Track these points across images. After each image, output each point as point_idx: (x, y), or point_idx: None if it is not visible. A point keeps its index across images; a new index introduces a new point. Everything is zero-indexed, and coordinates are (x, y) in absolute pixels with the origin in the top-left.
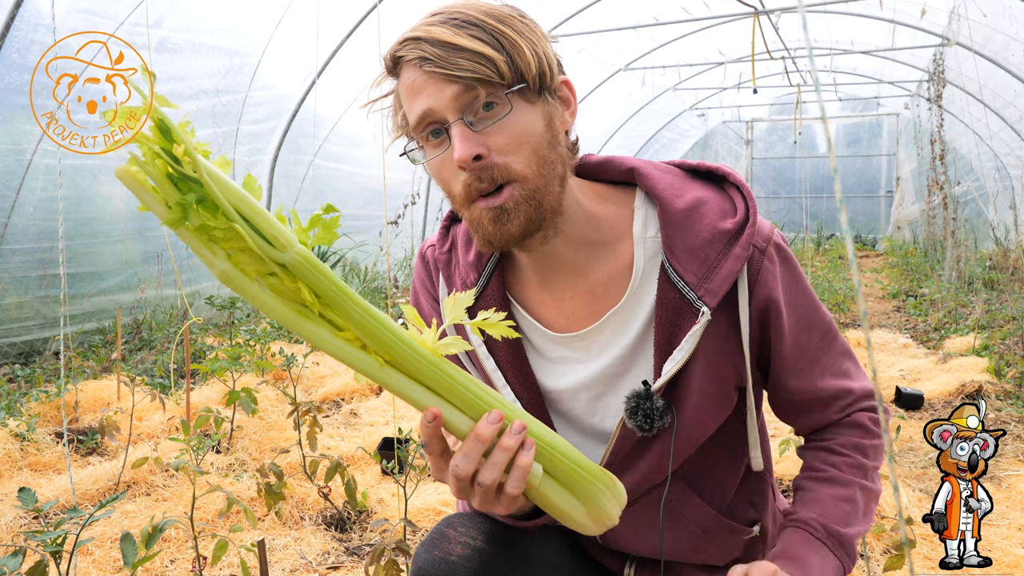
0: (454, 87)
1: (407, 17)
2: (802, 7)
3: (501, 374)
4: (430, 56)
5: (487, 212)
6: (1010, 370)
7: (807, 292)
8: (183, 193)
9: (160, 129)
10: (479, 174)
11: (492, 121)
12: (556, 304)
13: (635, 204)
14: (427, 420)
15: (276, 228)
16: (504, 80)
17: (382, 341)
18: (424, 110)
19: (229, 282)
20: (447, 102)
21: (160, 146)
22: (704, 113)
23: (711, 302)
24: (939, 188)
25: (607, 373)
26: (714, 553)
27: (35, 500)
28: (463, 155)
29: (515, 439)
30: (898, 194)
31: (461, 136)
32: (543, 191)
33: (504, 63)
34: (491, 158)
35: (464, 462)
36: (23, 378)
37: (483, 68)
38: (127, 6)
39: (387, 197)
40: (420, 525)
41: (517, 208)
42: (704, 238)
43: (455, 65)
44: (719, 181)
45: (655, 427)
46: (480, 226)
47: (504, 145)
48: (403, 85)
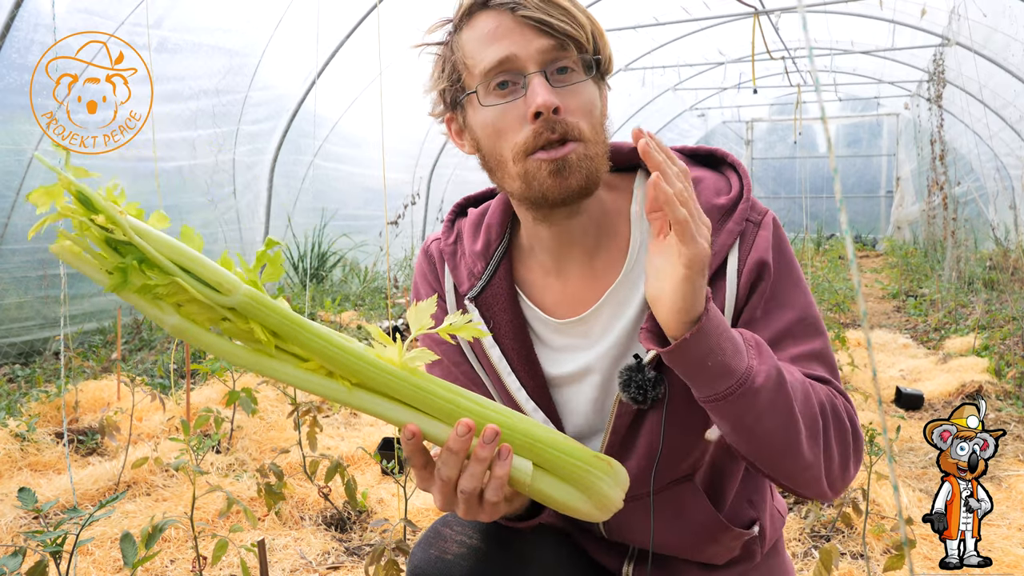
0: (544, 40)
1: (407, 17)
2: (802, 7)
3: (507, 363)
4: (529, 4)
5: (547, 164)
6: (1010, 370)
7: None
8: (122, 256)
9: (80, 201)
10: (552, 125)
11: (567, 84)
12: (562, 289)
13: (635, 184)
14: (406, 437)
15: (219, 274)
16: (585, 50)
17: (345, 365)
18: (505, 55)
19: (182, 334)
20: (534, 53)
21: (85, 216)
22: (704, 113)
23: None
24: (939, 188)
25: (611, 355)
26: (713, 552)
27: (35, 500)
28: (547, 101)
29: (488, 449)
30: (898, 194)
31: (543, 86)
32: (599, 158)
33: (591, 33)
34: (565, 115)
35: (444, 469)
36: (23, 378)
37: (577, 31)
38: (127, 6)
39: (387, 197)
40: (420, 525)
41: (580, 164)
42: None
43: (554, 18)
44: (717, 163)
45: (648, 398)
46: (536, 179)
47: (576, 107)
48: (479, 30)
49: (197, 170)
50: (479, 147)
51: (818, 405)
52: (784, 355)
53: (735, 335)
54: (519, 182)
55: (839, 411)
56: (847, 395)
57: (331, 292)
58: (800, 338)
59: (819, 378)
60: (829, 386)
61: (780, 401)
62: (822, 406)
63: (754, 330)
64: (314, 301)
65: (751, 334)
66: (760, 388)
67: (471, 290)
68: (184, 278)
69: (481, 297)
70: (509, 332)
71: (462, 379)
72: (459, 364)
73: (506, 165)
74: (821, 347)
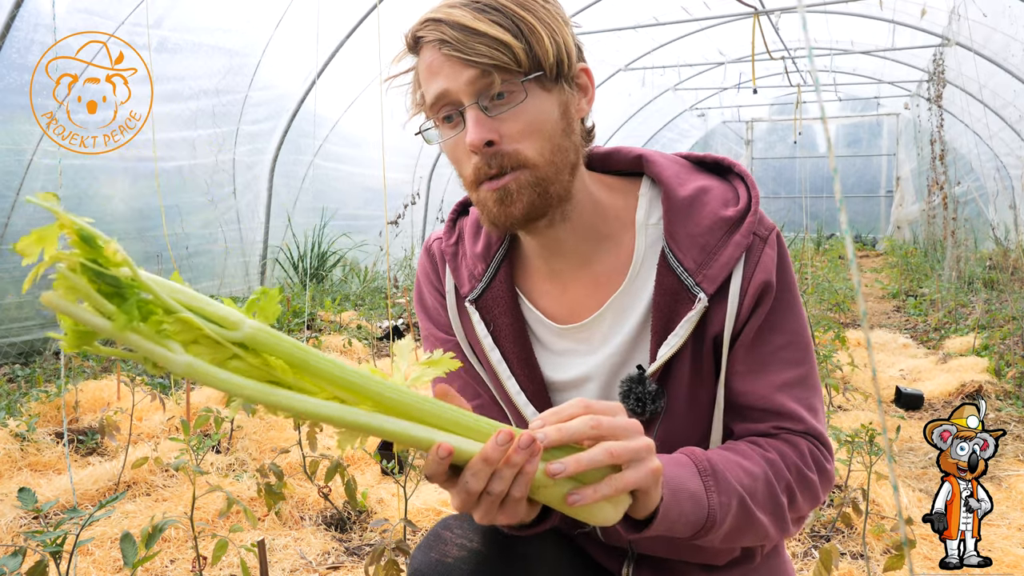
0: (470, 71)
1: (407, 17)
2: (802, 7)
3: (506, 366)
4: (448, 39)
5: (491, 194)
6: (1010, 370)
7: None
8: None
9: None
10: (488, 160)
11: (507, 108)
12: (561, 295)
13: (640, 192)
14: (441, 456)
15: (222, 310)
16: (520, 67)
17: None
18: (440, 91)
19: (193, 373)
20: (463, 86)
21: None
22: (704, 113)
23: (709, 288)
24: (939, 188)
25: (610, 363)
26: (714, 553)
27: (35, 500)
28: (475, 140)
29: (524, 454)
30: (898, 194)
31: (474, 121)
32: (551, 179)
33: (522, 50)
34: (502, 145)
35: (474, 480)
36: (23, 378)
37: (500, 55)
38: (127, 6)
39: (387, 197)
40: (420, 525)
41: (520, 191)
42: (705, 225)
43: (472, 50)
44: (724, 172)
45: (647, 411)
46: (486, 207)
47: (516, 132)
48: (422, 64)
49: (197, 170)
50: None
51: (784, 489)
52: (771, 382)
53: (692, 482)
54: (478, 208)
55: (804, 474)
56: (817, 431)
57: (331, 292)
58: (789, 363)
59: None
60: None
61: (744, 520)
62: (788, 486)
63: (745, 353)
64: (314, 301)
65: (704, 459)
66: (723, 521)
67: (471, 292)
68: (191, 316)
69: (481, 299)
70: (509, 335)
71: (466, 377)
72: (462, 363)
73: (469, 191)
74: (807, 372)
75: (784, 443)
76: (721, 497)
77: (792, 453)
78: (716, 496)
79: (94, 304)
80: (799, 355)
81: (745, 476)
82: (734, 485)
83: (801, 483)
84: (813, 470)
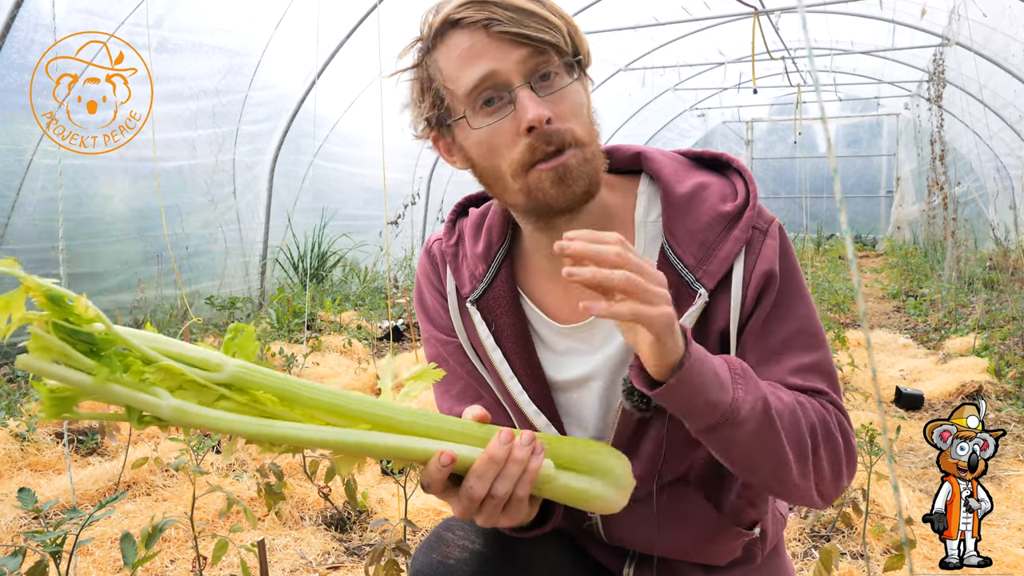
0: (523, 50)
1: (407, 17)
2: (802, 7)
3: (508, 366)
4: (501, 18)
5: (548, 174)
6: (1010, 370)
7: (799, 283)
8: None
9: (50, 299)
10: (548, 137)
11: (554, 90)
12: (563, 294)
13: (638, 189)
14: (443, 463)
15: (202, 353)
16: (568, 50)
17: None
18: (487, 71)
19: (182, 417)
20: (514, 65)
21: (58, 317)
22: (704, 113)
23: (709, 283)
24: (939, 188)
25: (612, 363)
26: (715, 553)
27: (35, 500)
28: (539, 115)
29: (527, 450)
30: (898, 194)
31: (531, 99)
32: (598, 158)
33: (567, 34)
34: (556, 124)
35: (479, 484)
36: (23, 378)
37: (554, 35)
38: (127, 6)
39: (387, 197)
40: (420, 525)
41: (581, 168)
42: (704, 221)
43: (529, 27)
44: (722, 168)
45: (651, 407)
46: (539, 190)
47: (567, 112)
48: (455, 50)
49: (197, 170)
50: (473, 164)
51: (808, 428)
52: (784, 367)
53: (721, 368)
54: (522, 196)
55: (830, 429)
56: (841, 406)
57: (331, 292)
58: (800, 350)
59: (814, 391)
60: (824, 398)
61: (766, 430)
62: (812, 428)
63: (755, 342)
64: (314, 301)
65: (739, 363)
66: (745, 419)
67: (473, 292)
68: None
69: (483, 300)
70: (511, 335)
71: (468, 379)
72: (464, 364)
73: (505, 181)
74: (821, 358)
75: (811, 399)
76: (748, 394)
77: (820, 407)
78: (743, 391)
79: (71, 362)
80: (810, 341)
81: (772, 395)
82: (762, 389)
83: (826, 435)
84: (837, 431)
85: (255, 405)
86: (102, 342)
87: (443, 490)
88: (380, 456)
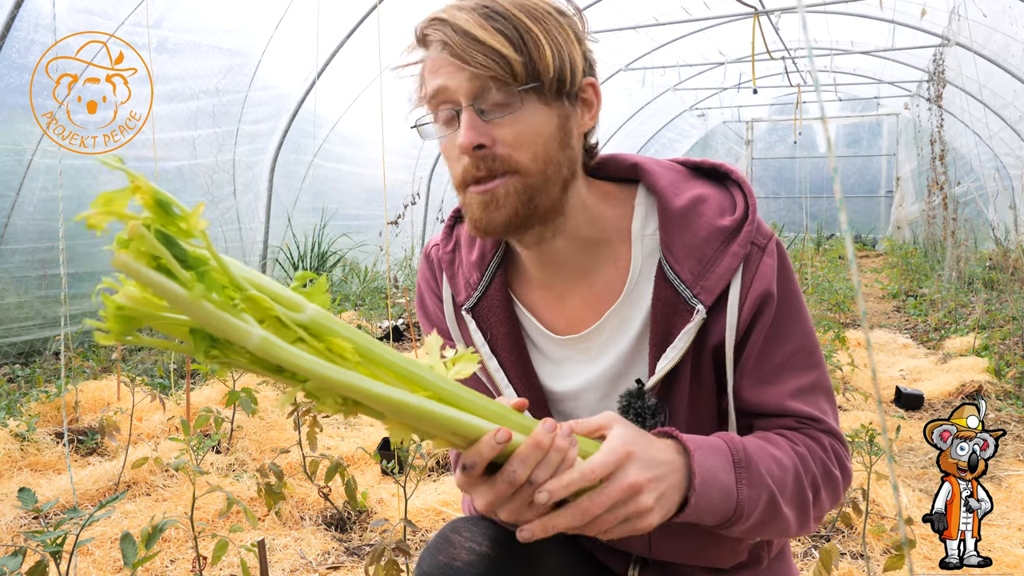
0: (467, 74)
1: (407, 17)
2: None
3: (504, 374)
4: (449, 42)
5: (477, 197)
6: (1010, 370)
7: (798, 301)
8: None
9: (158, 204)
10: (478, 163)
11: (502, 114)
12: (558, 305)
13: (636, 201)
14: (499, 440)
15: (286, 291)
16: (517, 80)
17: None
18: (439, 87)
19: (269, 348)
20: (459, 85)
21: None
22: (704, 113)
23: (706, 300)
24: (939, 188)
25: (608, 374)
26: (720, 557)
27: (35, 500)
28: (466, 142)
29: (567, 440)
30: (898, 194)
31: (468, 123)
32: (540, 189)
33: (520, 64)
34: (495, 149)
35: (522, 468)
36: (23, 378)
37: (496, 66)
38: (127, 6)
39: (387, 197)
40: (420, 525)
41: (507, 198)
42: (702, 236)
43: (471, 57)
44: (721, 179)
45: (647, 426)
46: (470, 210)
47: (510, 139)
48: (428, 59)
49: (197, 170)
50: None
51: (810, 483)
52: (783, 390)
53: (724, 472)
54: (463, 210)
55: (829, 469)
56: (837, 431)
57: (331, 292)
58: (799, 370)
59: (812, 418)
60: (820, 427)
61: (770, 514)
62: (813, 480)
63: (753, 365)
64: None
65: (740, 448)
66: (751, 513)
67: (467, 301)
68: (260, 295)
69: (477, 308)
70: (506, 344)
71: (470, 384)
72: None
73: (457, 192)
74: (819, 376)
75: (809, 438)
76: (751, 491)
77: (818, 448)
78: (747, 489)
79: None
80: (808, 361)
81: (776, 468)
82: (765, 479)
83: (826, 478)
84: (836, 467)
85: (328, 354)
86: (194, 259)
87: (479, 476)
88: (434, 426)
